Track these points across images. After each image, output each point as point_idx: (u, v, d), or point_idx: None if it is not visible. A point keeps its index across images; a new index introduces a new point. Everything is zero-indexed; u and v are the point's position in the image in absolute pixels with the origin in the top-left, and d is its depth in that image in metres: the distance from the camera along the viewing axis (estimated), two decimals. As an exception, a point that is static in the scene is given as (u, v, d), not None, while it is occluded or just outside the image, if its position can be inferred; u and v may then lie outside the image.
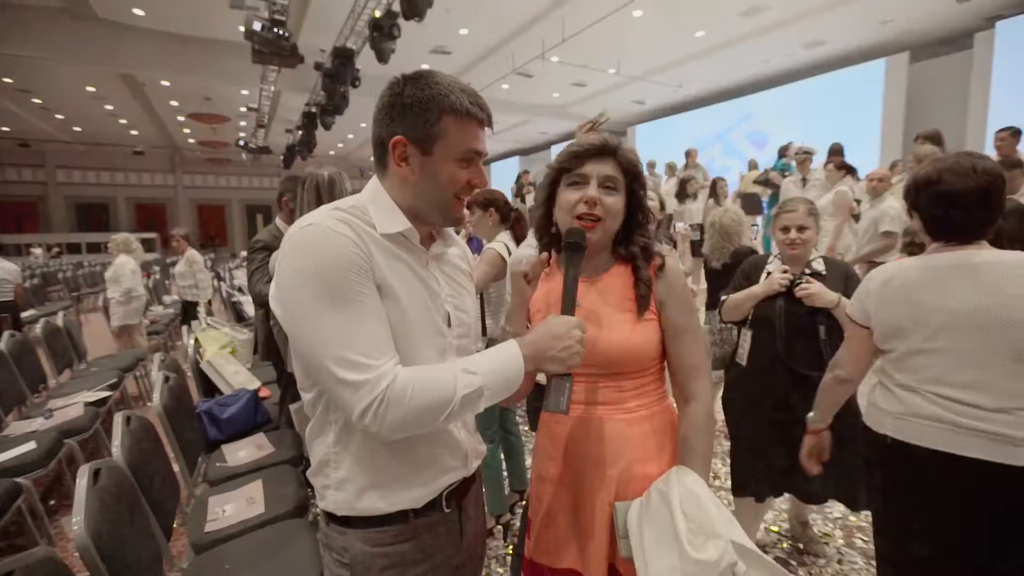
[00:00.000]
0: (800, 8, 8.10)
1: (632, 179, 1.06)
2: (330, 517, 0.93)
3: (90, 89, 11.93)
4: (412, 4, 6.19)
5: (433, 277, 0.96)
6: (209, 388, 2.87)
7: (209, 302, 5.85)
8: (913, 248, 2.88)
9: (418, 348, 0.89)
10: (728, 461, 2.16)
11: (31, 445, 2.44)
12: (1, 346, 3.21)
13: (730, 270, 2.43)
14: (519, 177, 10.42)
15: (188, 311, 5.71)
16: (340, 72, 8.56)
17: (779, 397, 1.86)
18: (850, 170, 4.67)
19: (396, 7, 6.56)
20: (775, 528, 2.34)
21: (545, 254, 1.14)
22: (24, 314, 5.80)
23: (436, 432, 0.93)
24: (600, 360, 1.04)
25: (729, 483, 2.11)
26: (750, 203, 6.71)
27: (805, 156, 5.20)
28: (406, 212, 0.92)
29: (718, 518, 0.90)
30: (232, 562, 1.57)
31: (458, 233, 3.18)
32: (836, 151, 5.56)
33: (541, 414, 1.15)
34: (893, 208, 3.90)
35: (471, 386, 0.82)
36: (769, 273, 1.96)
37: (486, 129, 0.94)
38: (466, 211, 2.55)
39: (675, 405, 1.15)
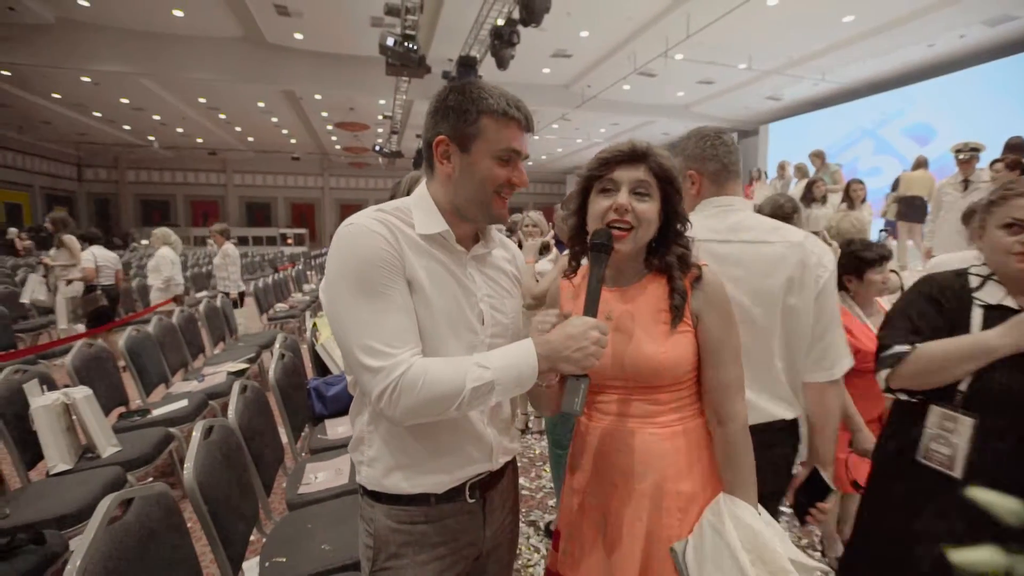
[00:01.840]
0: (981, -21, 6.90)
1: (666, 184, 1.01)
2: (363, 490, 1.03)
3: (260, 104, 13.93)
4: (529, 10, 6.35)
5: (470, 277, 1.01)
6: (322, 368, 3.21)
7: (242, 294, 5.94)
8: None
9: (445, 342, 0.95)
10: None
11: (184, 402, 2.96)
12: (174, 320, 3.91)
13: None
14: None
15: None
16: (465, 80, 9.04)
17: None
18: (1028, 170, 3.86)
19: (517, 15, 6.78)
20: None
21: (565, 280, 1.14)
22: (198, 295, 6.93)
23: (459, 423, 0.98)
24: (633, 374, 1.01)
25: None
26: (911, 209, 5.77)
27: (971, 154, 4.40)
28: (449, 211, 0.98)
29: (779, 550, 0.89)
30: (313, 521, 1.77)
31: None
32: (1016, 146, 4.61)
33: (576, 422, 1.14)
34: None
35: (481, 380, 0.85)
36: (992, 308, 1.17)
37: (527, 134, 0.98)
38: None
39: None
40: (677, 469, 1.00)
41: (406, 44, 7.61)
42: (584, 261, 1.12)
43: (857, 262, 1.97)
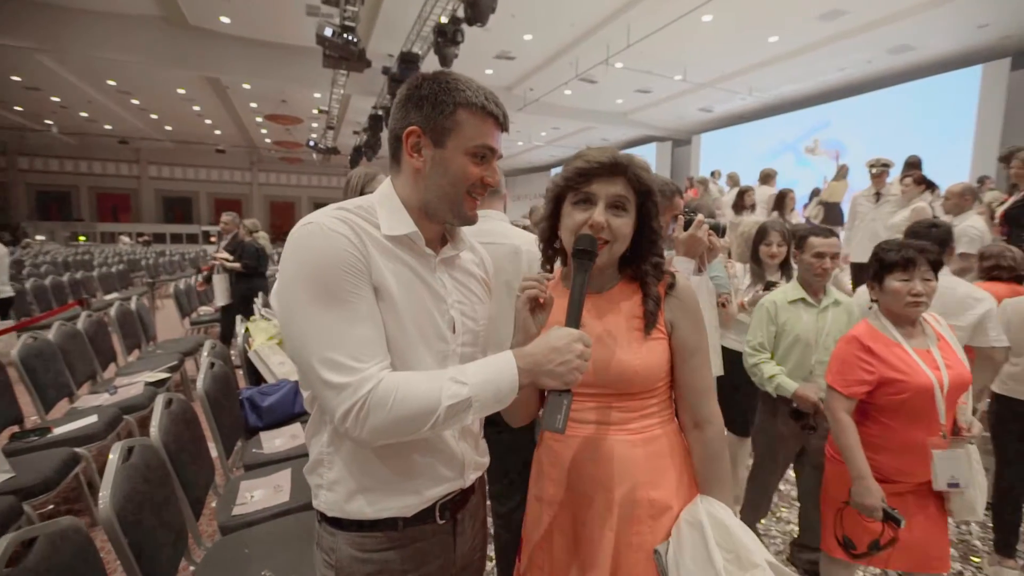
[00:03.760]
0: (886, 11, 7.57)
1: (644, 198, 1.00)
2: (322, 516, 0.92)
3: (180, 91, 12.93)
4: (476, 9, 6.27)
5: (440, 281, 0.93)
6: (256, 377, 2.98)
7: (8, 301, 5.06)
8: (998, 272, 2.58)
9: (415, 353, 0.87)
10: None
11: (93, 418, 2.62)
12: (78, 325, 3.49)
13: None
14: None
15: None
16: (405, 76, 8.82)
17: None
18: (930, 185, 4.28)
19: (461, 13, 6.68)
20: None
21: (552, 274, 1.08)
22: (107, 296, 6.29)
23: (430, 440, 0.90)
24: (607, 380, 0.99)
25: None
26: (831, 213, 6.36)
27: (882, 169, 4.81)
28: (417, 210, 0.91)
29: (752, 547, 0.90)
30: (252, 545, 1.61)
31: None
32: (913, 164, 5.13)
33: (541, 431, 1.10)
34: (974, 228, 3.55)
35: (457, 396, 0.78)
36: None
37: (501, 134, 0.93)
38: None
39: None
40: (649, 476, 1.00)
41: (345, 36, 7.31)
42: (557, 266, 1.11)
43: (877, 266, 1.54)
